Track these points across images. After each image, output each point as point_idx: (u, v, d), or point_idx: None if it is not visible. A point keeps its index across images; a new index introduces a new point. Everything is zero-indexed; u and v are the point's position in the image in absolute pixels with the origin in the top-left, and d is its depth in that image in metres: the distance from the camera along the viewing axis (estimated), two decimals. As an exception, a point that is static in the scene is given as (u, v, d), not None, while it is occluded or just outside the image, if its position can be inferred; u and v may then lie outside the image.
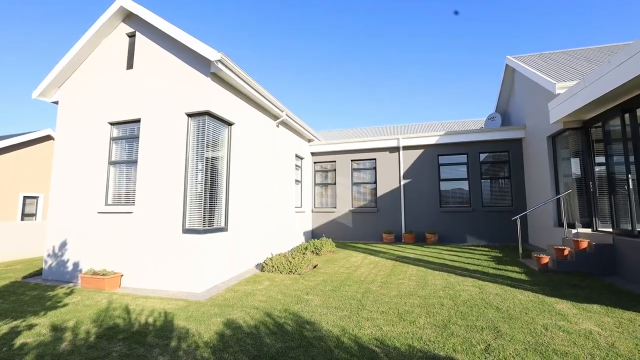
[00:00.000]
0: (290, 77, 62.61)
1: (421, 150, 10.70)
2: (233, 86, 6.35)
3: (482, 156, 10.25)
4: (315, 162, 12.01)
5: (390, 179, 10.93)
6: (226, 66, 5.64)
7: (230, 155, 6.22)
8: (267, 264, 6.38)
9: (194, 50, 5.59)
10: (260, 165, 7.51)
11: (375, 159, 11.26)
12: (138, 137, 5.98)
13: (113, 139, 6.31)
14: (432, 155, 10.57)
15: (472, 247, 8.97)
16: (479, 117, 15.28)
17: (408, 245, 9.55)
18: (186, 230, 5.34)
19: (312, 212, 11.69)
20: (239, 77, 6.09)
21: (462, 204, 10.25)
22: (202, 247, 5.20)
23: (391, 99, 59.08)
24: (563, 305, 3.96)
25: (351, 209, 11.28)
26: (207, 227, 5.44)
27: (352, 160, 11.58)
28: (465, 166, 10.25)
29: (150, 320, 3.82)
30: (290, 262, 6.24)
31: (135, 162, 5.97)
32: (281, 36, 52.06)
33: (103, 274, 5.37)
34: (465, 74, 55.16)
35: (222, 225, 5.94)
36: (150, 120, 5.89)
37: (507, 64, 10.43)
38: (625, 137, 5.24)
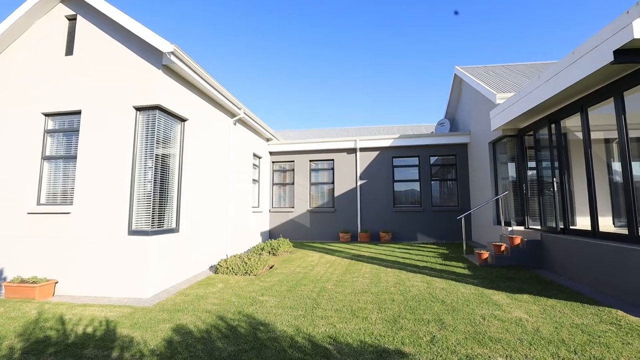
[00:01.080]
0: (250, 76, 61.27)
1: (377, 152, 11.08)
2: (187, 80, 6.07)
3: (432, 159, 10.89)
4: (273, 162, 11.90)
5: (347, 179, 11.18)
6: (179, 59, 5.39)
7: (183, 152, 5.94)
8: (221, 266, 6.19)
9: (144, 40, 5.26)
10: (216, 163, 7.26)
11: (333, 160, 11.44)
12: (78, 131, 5.48)
13: (48, 132, 5.71)
14: (387, 157, 11.00)
15: (423, 245, 9.50)
16: (430, 122, 16.22)
17: (363, 244, 9.85)
18: (132, 232, 5.01)
19: (270, 212, 11.57)
20: (193, 71, 5.84)
21: (413, 204, 10.80)
22: (150, 250, 4.91)
23: (348, 101, 60.34)
24: (499, 297, 4.35)
25: (309, 208, 11.35)
26: (157, 229, 5.14)
27: (310, 161, 11.65)
28: (417, 168, 10.83)
29: (89, 330, 3.52)
30: (246, 263, 6.12)
31: (75, 157, 5.46)
32: (240, 33, 50.76)
33: (33, 282, 4.83)
34: (420, 79, 58.09)
35: (173, 226, 5.66)
36: (92, 112, 5.42)
37: (455, 74, 11.19)
38: (551, 145, 5.90)
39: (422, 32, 47.41)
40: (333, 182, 11.35)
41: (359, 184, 11.02)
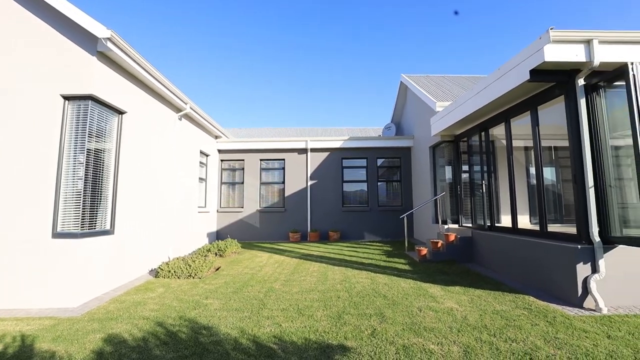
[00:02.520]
0: (200, 72, 58.42)
1: (327, 153, 11.30)
2: (127, 70, 5.63)
3: (379, 161, 11.41)
4: (222, 160, 11.51)
5: (298, 179, 11.23)
6: (117, 46, 4.97)
7: (121, 147, 5.49)
8: (162, 269, 5.84)
9: (76, 23, 4.76)
10: (158, 160, 6.83)
11: (284, 160, 11.41)
12: (-12, 120, 4.78)
13: (-53, 120, 4.89)
14: (337, 158, 11.27)
15: (369, 243, 9.90)
16: (378, 125, 16.96)
17: (313, 244, 9.97)
18: (58, 234, 4.50)
19: (218, 212, 11.17)
20: (133, 60, 5.43)
21: (361, 203, 11.21)
22: (79, 254, 4.46)
23: (299, 101, 60.53)
24: (434, 289, 4.72)
25: (259, 208, 11.19)
26: (87, 230, 4.69)
27: (261, 160, 11.49)
28: (365, 169, 11.26)
29: None
30: (190, 266, 5.85)
31: (-17, 150, 4.75)
32: (192, 28, 48.20)
33: None
34: (372, 82, 60.32)
35: (107, 227, 5.20)
36: (8, 99, 4.75)
37: (401, 81, 11.84)
38: (481, 150, 6.54)
39: (373, 36, 49.34)
40: (284, 182, 11.32)
41: (309, 184, 11.14)
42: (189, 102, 7.69)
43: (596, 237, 3.93)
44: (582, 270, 3.91)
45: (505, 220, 6.37)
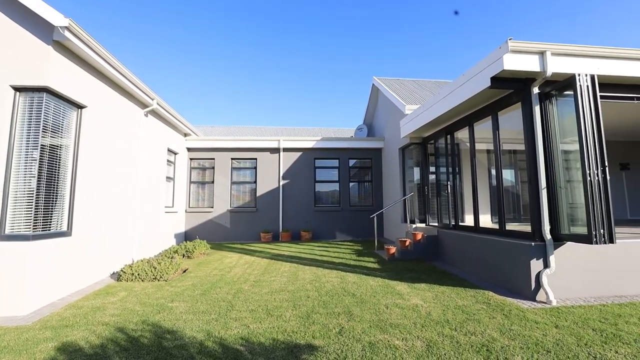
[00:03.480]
0: (171, 69, 56.25)
1: (300, 153, 11.30)
2: (87, 62, 5.31)
3: (351, 162, 11.57)
4: (191, 159, 11.16)
5: (270, 179, 11.14)
6: (76, 36, 4.68)
7: (79, 144, 5.18)
8: (125, 272, 5.57)
9: (29, 9, 4.43)
10: (122, 158, 6.50)
11: (256, 159, 11.27)
12: None
13: None
14: (310, 158, 11.30)
15: (340, 242, 10.01)
16: (350, 126, 17.19)
17: (284, 244, 9.93)
18: (5, 237, 4.16)
19: (186, 212, 10.82)
20: (94, 51, 5.14)
21: (333, 203, 11.31)
22: (30, 257, 4.15)
23: (272, 100, 60.02)
24: (401, 287, 4.86)
25: (230, 208, 10.97)
26: (41, 232, 4.38)
27: (232, 159, 11.27)
28: (337, 170, 11.38)
29: None
30: (155, 268, 5.63)
31: None
32: (163, 25, 46.28)
33: None
34: (345, 83, 60.93)
35: (64, 228, 4.89)
36: (-53, 89, 4.35)
37: (373, 84, 12.07)
38: (447, 153, 6.82)
39: (348, 37, 49.90)
40: (255, 182, 11.18)
41: (281, 183, 11.07)
42: (155, 97, 7.40)
43: (548, 235, 4.22)
44: (535, 265, 4.18)
45: (469, 220, 6.68)
